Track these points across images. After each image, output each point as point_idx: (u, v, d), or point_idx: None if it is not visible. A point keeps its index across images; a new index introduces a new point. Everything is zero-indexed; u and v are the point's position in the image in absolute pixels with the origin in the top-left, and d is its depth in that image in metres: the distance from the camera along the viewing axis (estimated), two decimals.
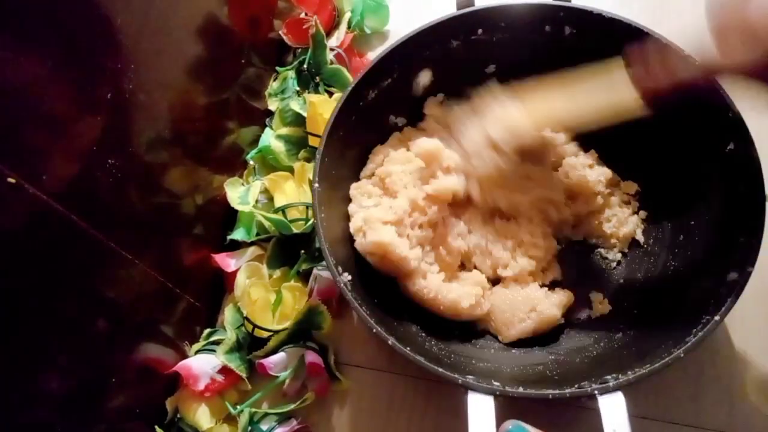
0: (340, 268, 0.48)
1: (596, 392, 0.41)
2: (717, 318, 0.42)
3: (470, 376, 0.43)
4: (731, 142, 0.48)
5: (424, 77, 0.59)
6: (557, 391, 0.42)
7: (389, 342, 0.44)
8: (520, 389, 0.42)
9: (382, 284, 0.53)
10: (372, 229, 0.51)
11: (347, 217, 0.55)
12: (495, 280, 0.56)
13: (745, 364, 0.52)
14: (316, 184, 0.50)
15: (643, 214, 0.58)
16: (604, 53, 0.53)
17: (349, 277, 0.49)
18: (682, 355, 0.42)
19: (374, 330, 0.45)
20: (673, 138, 0.54)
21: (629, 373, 0.42)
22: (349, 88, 0.53)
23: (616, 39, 0.52)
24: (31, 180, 0.35)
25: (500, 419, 0.39)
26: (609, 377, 0.42)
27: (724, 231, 0.48)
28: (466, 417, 0.40)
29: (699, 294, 0.47)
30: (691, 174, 0.53)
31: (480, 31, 0.56)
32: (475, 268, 0.56)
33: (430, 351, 0.50)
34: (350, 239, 0.53)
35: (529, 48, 0.57)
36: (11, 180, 0.34)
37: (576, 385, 0.42)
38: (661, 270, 0.54)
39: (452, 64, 0.58)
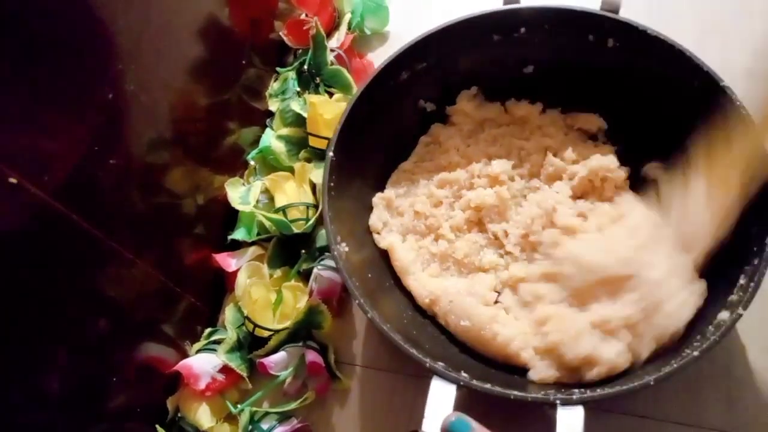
0: (338, 237, 0.48)
1: (558, 402, 0.40)
2: (696, 354, 0.41)
3: (441, 363, 0.43)
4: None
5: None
6: (520, 393, 0.41)
7: (369, 315, 0.44)
8: (488, 385, 0.42)
9: (380, 266, 0.54)
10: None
11: (357, 195, 0.56)
12: None
13: (745, 364, 0.52)
14: (331, 153, 0.50)
15: None
16: (645, 69, 0.53)
17: (346, 248, 0.49)
18: (651, 382, 0.41)
19: (357, 302, 0.45)
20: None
21: (597, 389, 0.42)
22: (383, 64, 0.53)
23: (657, 58, 0.52)
24: (32, 180, 0.35)
25: (462, 409, 0.39)
26: (576, 390, 0.42)
27: (727, 270, 0.46)
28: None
29: (686, 329, 0.46)
30: None
31: (523, 29, 0.56)
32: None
33: (411, 333, 0.49)
34: (355, 215, 0.54)
35: (569, 54, 0.56)
36: (12, 180, 0.34)
37: (542, 392, 0.42)
38: None
39: (491, 58, 0.58)
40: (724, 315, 0.44)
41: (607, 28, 0.53)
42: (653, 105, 0.55)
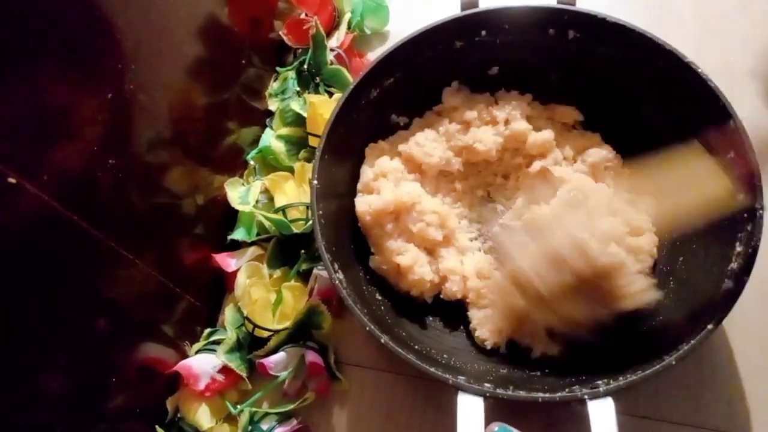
0: (336, 265, 0.48)
1: (586, 397, 0.41)
2: (710, 326, 0.42)
3: (462, 377, 0.43)
4: (731, 151, 0.47)
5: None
6: (547, 395, 0.42)
7: (382, 340, 0.45)
8: (510, 391, 0.42)
9: (379, 284, 0.54)
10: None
11: (345, 215, 0.55)
12: None
13: (745, 363, 0.52)
14: (315, 181, 0.50)
15: None
16: (608, 59, 0.54)
17: (342, 276, 0.49)
18: (673, 362, 0.41)
19: (367, 328, 0.45)
20: (673, 146, 0.54)
21: (620, 378, 0.42)
22: (351, 87, 0.53)
23: (619, 44, 0.52)
24: (31, 180, 0.35)
25: (491, 419, 0.39)
26: (600, 382, 0.42)
27: (722, 241, 0.47)
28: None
29: (694, 302, 0.47)
30: None
31: (484, 32, 0.56)
32: None
33: (423, 351, 0.50)
34: (348, 237, 0.53)
35: (532, 51, 0.56)
36: (12, 180, 0.34)
37: (567, 389, 0.42)
38: (658, 277, 0.53)
39: (456, 65, 0.58)
40: (728, 284, 0.44)
41: (566, 21, 0.54)
42: (622, 90, 0.55)
